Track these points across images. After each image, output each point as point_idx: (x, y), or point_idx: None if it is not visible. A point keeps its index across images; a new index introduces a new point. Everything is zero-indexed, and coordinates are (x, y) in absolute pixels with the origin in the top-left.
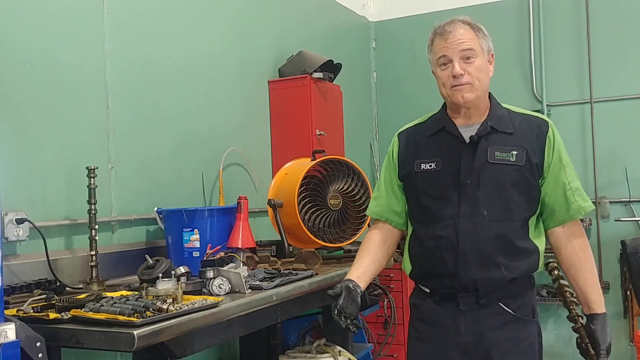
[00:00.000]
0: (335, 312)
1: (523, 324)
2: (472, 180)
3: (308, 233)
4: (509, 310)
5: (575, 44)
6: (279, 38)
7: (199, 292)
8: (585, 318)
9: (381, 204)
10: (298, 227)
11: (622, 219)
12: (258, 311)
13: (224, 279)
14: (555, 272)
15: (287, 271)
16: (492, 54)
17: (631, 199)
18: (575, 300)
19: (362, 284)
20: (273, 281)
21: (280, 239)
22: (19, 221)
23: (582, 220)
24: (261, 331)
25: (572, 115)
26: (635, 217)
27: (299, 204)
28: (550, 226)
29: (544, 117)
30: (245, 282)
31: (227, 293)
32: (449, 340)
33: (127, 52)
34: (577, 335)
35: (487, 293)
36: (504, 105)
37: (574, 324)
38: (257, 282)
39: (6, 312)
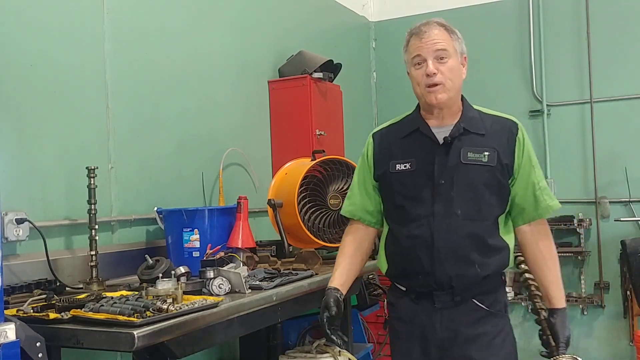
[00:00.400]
0: (327, 327)
1: (496, 318)
2: (446, 180)
3: (308, 233)
4: (483, 306)
5: (575, 44)
6: (279, 38)
7: (199, 292)
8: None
9: (354, 203)
10: (298, 227)
11: (622, 219)
12: (258, 311)
13: (224, 279)
14: (523, 266)
15: (287, 271)
16: (465, 57)
17: (631, 199)
18: (539, 294)
19: (345, 291)
20: (273, 281)
21: (280, 239)
22: (19, 221)
23: (582, 221)
24: (261, 331)
25: (572, 115)
26: (635, 217)
27: (299, 204)
28: (518, 224)
29: (514, 118)
30: (245, 282)
31: (227, 293)
32: (426, 337)
33: (127, 52)
34: (540, 327)
35: (462, 290)
36: (475, 106)
37: (536, 317)
38: (257, 282)
39: (6, 312)
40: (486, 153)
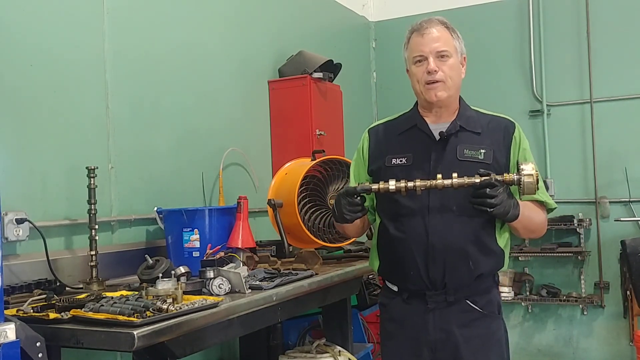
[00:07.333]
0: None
1: (490, 320)
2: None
3: (308, 233)
4: (476, 308)
5: (575, 44)
6: (278, 38)
7: (199, 292)
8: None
9: None
10: (298, 227)
11: (622, 219)
12: (258, 311)
13: (224, 279)
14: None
15: (287, 271)
16: (465, 57)
17: (631, 199)
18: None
19: None
20: (273, 281)
21: (280, 239)
22: (19, 221)
23: (582, 221)
24: (261, 331)
25: (572, 115)
26: (635, 217)
27: (299, 204)
28: None
29: (511, 118)
30: (245, 282)
31: (227, 293)
32: (418, 338)
33: (127, 52)
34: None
35: (454, 290)
36: (472, 107)
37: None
38: (257, 282)
39: (6, 312)
40: (482, 151)
